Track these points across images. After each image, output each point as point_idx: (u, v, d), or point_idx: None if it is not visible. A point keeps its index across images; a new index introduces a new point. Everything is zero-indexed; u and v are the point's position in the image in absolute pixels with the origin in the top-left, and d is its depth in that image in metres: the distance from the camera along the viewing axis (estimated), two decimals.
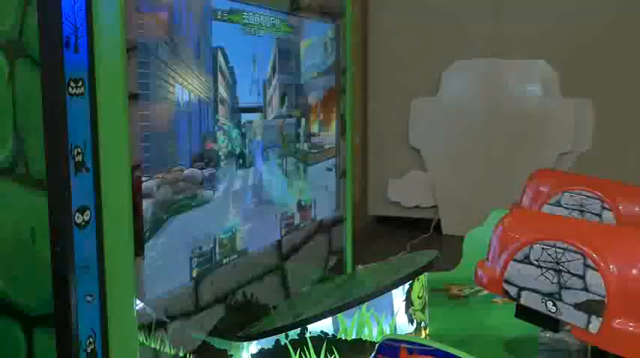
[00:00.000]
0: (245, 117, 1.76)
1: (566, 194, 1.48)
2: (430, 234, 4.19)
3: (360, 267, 2.19)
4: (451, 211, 4.17)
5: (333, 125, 2.25)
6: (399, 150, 4.32)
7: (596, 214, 1.45)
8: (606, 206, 1.45)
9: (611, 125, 3.89)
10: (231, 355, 1.62)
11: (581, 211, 1.46)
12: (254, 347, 1.58)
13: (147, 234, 1.36)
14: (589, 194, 1.46)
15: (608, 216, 1.45)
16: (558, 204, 1.47)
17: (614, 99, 3.87)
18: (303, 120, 2.05)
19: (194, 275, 1.54)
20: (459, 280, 1.92)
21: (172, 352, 1.42)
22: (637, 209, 1.47)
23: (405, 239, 3.87)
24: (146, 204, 1.35)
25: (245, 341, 1.60)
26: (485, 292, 1.81)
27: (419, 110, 4.23)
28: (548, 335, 1.38)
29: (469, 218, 2.65)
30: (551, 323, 1.11)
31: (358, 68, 4.30)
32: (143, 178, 1.34)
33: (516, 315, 1.18)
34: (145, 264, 1.35)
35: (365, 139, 4.43)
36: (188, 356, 1.53)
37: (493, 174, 4.02)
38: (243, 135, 1.75)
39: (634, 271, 1.00)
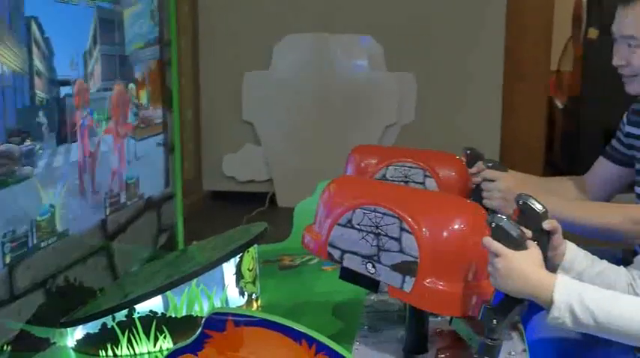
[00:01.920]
0: (65, 90, 1.66)
1: (390, 167, 1.54)
2: (266, 207, 4.24)
3: (195, 243, 2.15)
4: (286, 184, 4.23)
5: (160, 99, 2.18)
6: (232, 125, 4.30)
7: (420, 183, 1.52)
8: (428, 174, 1.53)
9: (432, 98, 4.13)
10: (55, 342, 1.53)
11: (407, 182, 1.52)
12: (79, 332, 1.50)
13: None
14: (412, 165, 1.53)
15: (431, 183, 1.52)
16: (384, 177, 1.53)
17: (434, 73, 4.10)
18: (129, 94, 1.97)
19: (7, 261, 1.43)
20: (291, 250, 1.95)
21: None
22: (453, 174, 1.56)
23: (241, 213, 3.88)
24: None
25: (69, 326, 1.52)
26: (316, 260, 1.86)
27: (251, 84, 4.22)
28: (372, 297, 1.44)
29: (303, 190, 2.70)
30: (372, 285, 1.16)
31: (188, 40, 4.19)
32: None
33: (340, 277, 1.22)
34: None
35: (198, 114, 4.35)
36: (5, 347, 1.43)
37: (325, 146, 4.12)
38: (62, 109, 1.64)
39: (444, 234, 1.06)
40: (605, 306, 1.00)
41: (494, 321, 1.03)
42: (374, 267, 1.12)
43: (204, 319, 1.06)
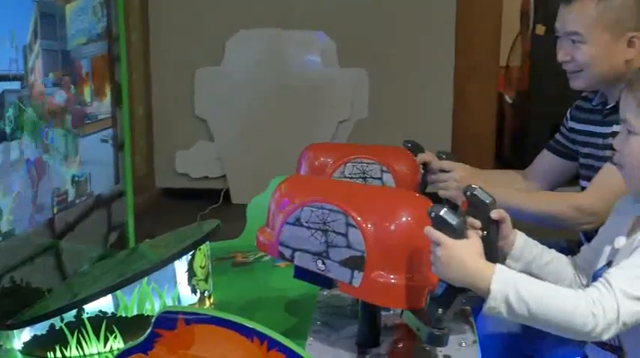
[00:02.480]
0: (3, 85, 1.61)
1: (348, 164, 1.55)
2: (220, 204, 4.22)
3: (147, 241, 2.12)
4: (239, 180, 4.21)
5: (108, 94, 2.14)
6: (185, 121, 4.25)
7: (378, 178, 1.54)
8: (385, 169, 1.54)
9: (384, 93, 4.16)
10: (1, 345, 1.49)
11: (365, 178, 1.53)
12: (26, 334, 1.46)
13: None
14: (369, 161, 1.54)
15: (388, 178, 1.54)
16: (343, 174, 1.54)
17: (386, 69, 4.13)
18: (72, 89, 1.92)
19: None
20: (244, 247, 1.94)
21: None
22: (408, 169, 1.59)
23: (194, 210, 3.84)
24: None
25: (15, 328, 1.48)
26: (269, 257, 1.86)
27: (203, 80, 4.18)
28: (325, 293, 1.44)
29: (257, 186, 2.69)
30: (326, 281, 1.16)
31: (139, 35, 4.13)
32: None
33: (295, 276, 1.22)
34: None
35: (149, 110, 4.29)
36: None
37: (279, 142, 4.11)
38: (2, 105, 1.60)
39: (389, 227, 1.07)
40: (538, 298, 1.01)
41: (440, 311, 1.04)
42: (324, 263, 1.13)
43: (154, 318, 1.05)
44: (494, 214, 1.13)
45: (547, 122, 4.23)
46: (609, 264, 1.17)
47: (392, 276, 1.07)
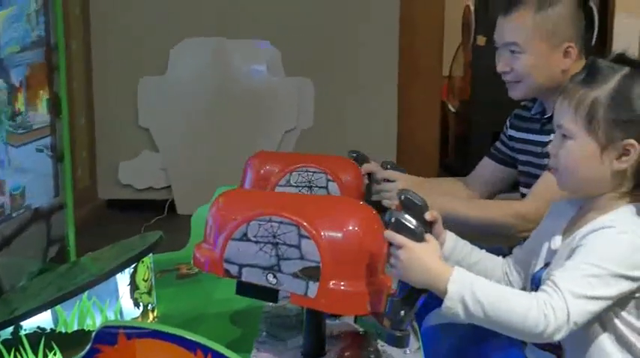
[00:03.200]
0: None
1: (294, 173, 1.54)
2: (165, 215, 4.15)
3: (89, 254, 2.07)
4: (185, 191, 4.15)
5: (44, 104, 2.08)
6: (128, 131, 4.18)
7: (323, 187, 1.54)
8: (330, 178, 1.55)
9: (330, 103, 4.18)
10: None
11: (310, 187, 1.53)
12: None
13: None
14: (315, 169, 1.54)
15: (333, 187, 1.54)
16: (288, 183, 1.54)
17: (331, 79, 4.15)
18: (4, 98, 1.86)
19: None
20: (189, 258, 1.90)
21: None
22: (352, 178, 1.59)
23: (139, 222, 3.78)
24: None
25: None
26: None
27: (147, 89, 4.12)
28: (271, 303, 1.44)
29: (203, 197, 2.66)
30: (271, 295, 1.15)
31: (80, 43, 4.05)
32: None
33: (237, 292, 1.20)
34: None
35: (91, 120, 4.20)
36: None
37: (225, 152, 4.08)
38: None
39: (343, 235, 1.07)
40: (493, 299, 1.05)
41: (402, 313, 1.06)
42: (275, 277, 1.11)
43: (94, 333, 1.02)
44: (428, 216, 1.15)
45: (489, 130, 4.33)
46: (547, 265, 1.20)
47: (348, 284, 1.07)
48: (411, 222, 1.08)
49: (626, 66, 1.14)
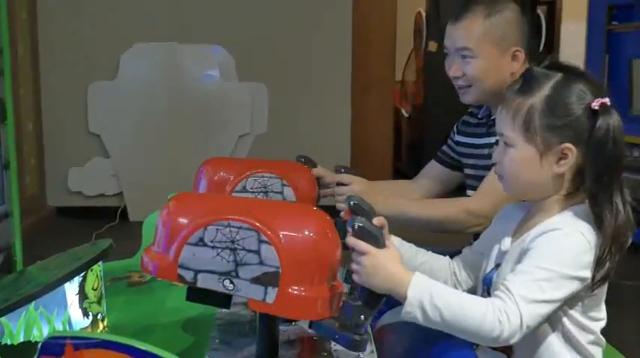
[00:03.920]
0: None
1: (250, 179, 1.53)
2: (117, 222, 4.08)
3: (38, 263, 2.02)
4: (137, 197, 4.09)
5: None
6: (78, 137, 4.10)
7: (279, 192, 1.53)
8: (285, 183, 1.54)
9: (284, 108, 4.17)
10: None
11: (266, 192, 1.53)
12: None
13: None
14: (270, 175, 1.54)
15: (288, 192, 1.54)
16: (244, 189, 1.52)
17: (285, 85, 4.15)
18: None
19: None
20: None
21: None
22: (307, 183, 1.59)
23: (90, 229, 3.70)
24: None
25: None
26: None
27: (97, 94, 4.05)
28: (225, 310, 1.42)
29: (155, 203, 2.62)
30: (223, 301, 1.14)
31: (27, 48, 3.95)
32: None
33: (188, 298, 1.18)
34: None
35: (39, 126, 4.10)
36: None
37: (178, 158, 4.04)
38: None
39: (302, 240, 1.07)
40: (450, 305, 1.06)
41: (362, 317, 1.07)
42: (232, 283, 1.10)
43: (40, 344, 0.99)
44: (375, 221, 1.16)
45: (441, 134, 4.38)
46: (498, 266, 1.22)
47: (306, 289, 1.07)
48: (372, 228, 1.09)
49: (560, 72, 1.17)
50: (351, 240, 1.09)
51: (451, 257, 1.39)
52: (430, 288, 1.08)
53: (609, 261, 1.11)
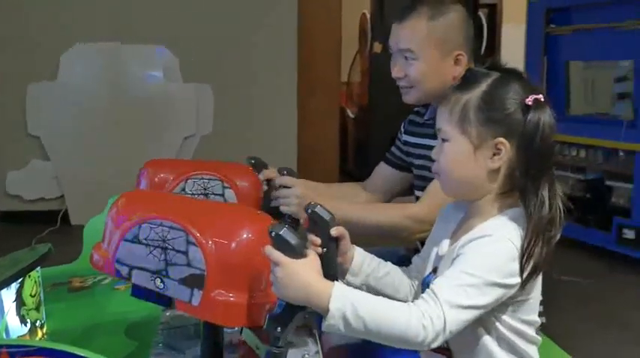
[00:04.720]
0: None
1: (189, 181, 1.52)
2: (58, 226, 3.98)
3: None
4: (79, 200, 4.00)
5: None
6: (16, 139, 3.99)
7: (220, 194, 1.52)
8: (226, 186, 1.53)
9: (229, 109, 4.14)
10: None
11: (206, 194, 1.51)
12: None
13: None
14: (210, 177, 1.52)
15: (229, 194, 1.52)
16: (184, 191, 1.50)
17: (230, 86, 4.13)
18: None
19: None
20: (82, 271, 1.83)
21: None
22: (249, 185, 1.58)
23: (30, 234, 3.60)
24: None
25: None
26: (108, 280, 1.77)
27: (37, 95, 3.95)
28: (168, 313, 1.40)
29: (97, 206, 2.57)
30: (164, 300, 1.12)
31: None
32: None
33: (132, 294, 1.16)
34: None
35: None
36: None
37: (121, 159, 3.96)
38: None
39: (230, 245, 1.06)
40: (373, 313, 1.04)
41: (279, 329, 1.03)
42: (162, 282, 1.09)
43: None
44: (334, 231, 1.15)
45: (387, 135, 4.41)
46: (435, 270, 1.23)
47: (232, 295, 1.05)
48: (290, 236, 1.03)
49: (499, 72, 1.19)
50: (266, 249, 1.04)
51: (400, 260, 1.39)
52: (351, 298, 1.05)
53: (535, 254, 1.11)
